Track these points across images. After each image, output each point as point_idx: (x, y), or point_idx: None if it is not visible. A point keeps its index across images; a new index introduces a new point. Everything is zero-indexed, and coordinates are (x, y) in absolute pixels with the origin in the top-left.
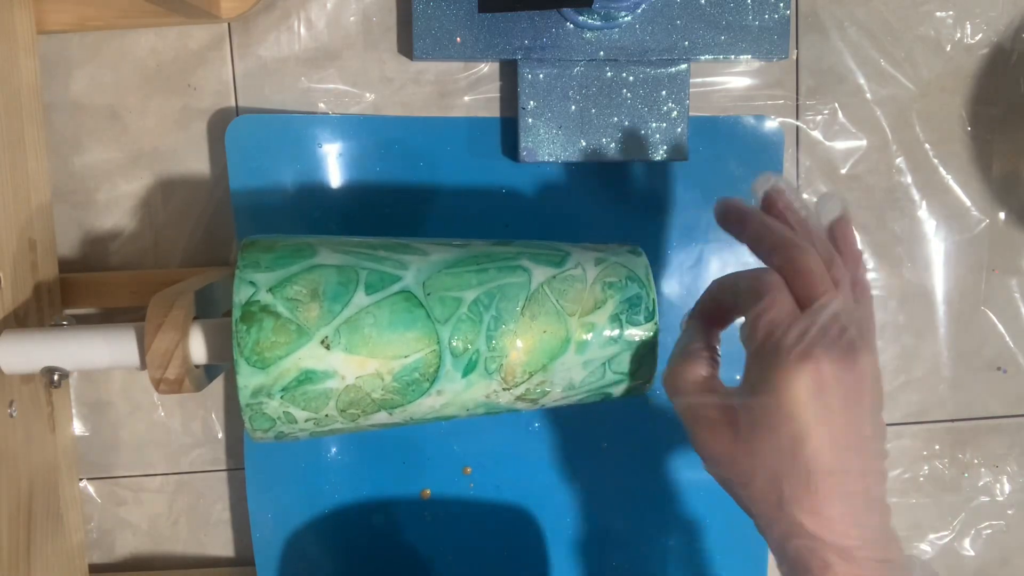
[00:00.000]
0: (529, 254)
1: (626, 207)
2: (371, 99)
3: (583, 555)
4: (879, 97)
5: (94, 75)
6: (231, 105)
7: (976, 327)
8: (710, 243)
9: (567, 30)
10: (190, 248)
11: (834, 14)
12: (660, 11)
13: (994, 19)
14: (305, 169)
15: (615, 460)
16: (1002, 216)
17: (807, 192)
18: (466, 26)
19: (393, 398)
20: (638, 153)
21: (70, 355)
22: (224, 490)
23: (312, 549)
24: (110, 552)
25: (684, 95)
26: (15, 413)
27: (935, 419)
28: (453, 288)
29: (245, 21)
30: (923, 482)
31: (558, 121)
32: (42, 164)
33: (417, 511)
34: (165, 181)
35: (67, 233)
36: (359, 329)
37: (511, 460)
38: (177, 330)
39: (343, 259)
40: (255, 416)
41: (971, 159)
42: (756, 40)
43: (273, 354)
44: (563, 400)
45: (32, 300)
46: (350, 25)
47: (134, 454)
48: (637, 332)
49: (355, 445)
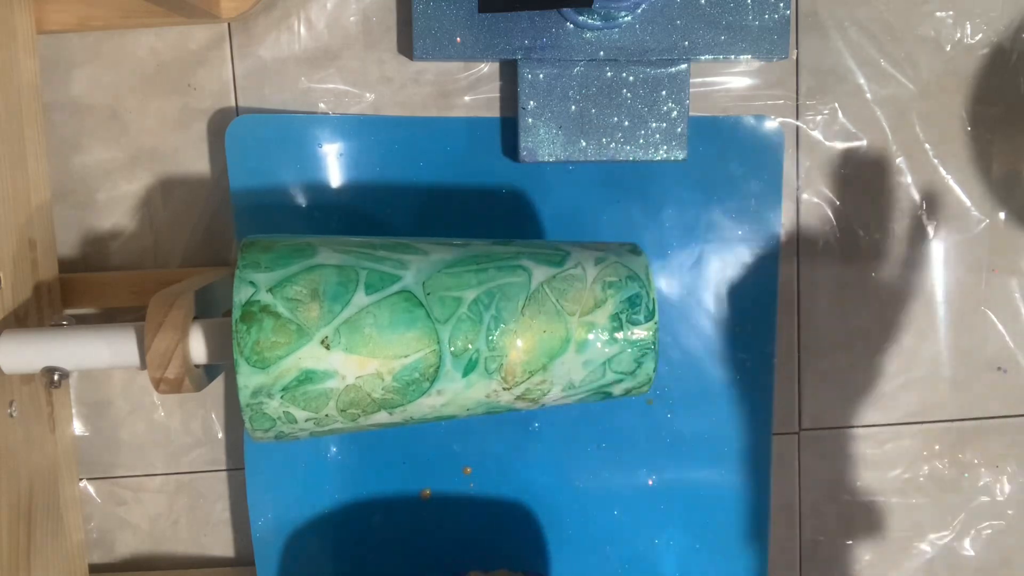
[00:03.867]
0: (529, 254)
1: (626, 207)
2: (371, 99)
3: (583, 555)
4: (879, 97)
5: (94, 75)
6: (231, 105)
7: (976, 327)
8: (710, 243)
9: (567, 30)
10: (190, 248)
11: (834, 14)
12: (660, 11)
13: (994, 19)
14: (305, 169)
15: (615, 460)
16: (1002, 216)
17: (807, 192)
18: (466, 26)
19: (393, 398)
20: (638, 153)
21: (70, 355)
22: (224, 490)
23: (312, 549)
24: (110, 552)
25: (684, 95)
26: (15, 413)
27: (935, 419)
28: (453, 288)
29: (245, 21)
30: (923, 482)
31: (558, 121)
32: (42, 164)
33: (417, 511)
34: (165, 181)
35: (67, 233)
36: (359, 329)
37: (511, 460)
38: (177, 330)
39: (343, 259)
40: (255, 416)
41: (971, 159)
42: (756, 40)
43: (273, 354)
44: (563, 400)
45: (32, 300)
46: (350, 25)
47: (134, 454)
48: (637, 331)
49: (355, 445)
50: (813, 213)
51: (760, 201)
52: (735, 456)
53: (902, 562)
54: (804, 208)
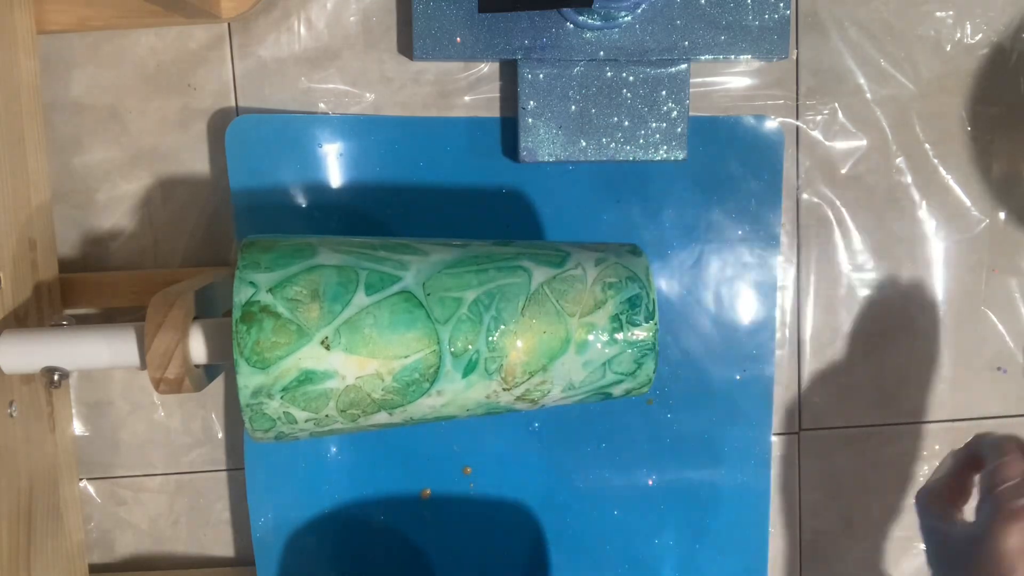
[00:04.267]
0: (529, 254)
1: (626, 207)
2: (371, 99)
3: (583, 555)
4: (879, 97)
5: (94, 75)
6: (231, 105)
7: (976, 327)
8: (710, 243)
9: (567, 30)
10: (190, 248)
11: (834, 14)
12: (660, 11)
13: (994, 19)
14: (305, 169)
15: (615, 460)
16: (1002, 216)
17: (807, 192)
18: (466, 26)
19: (393, 398)
20: (638, 153)
21: (70, 355)
22: (224, 490)
23: (312, 549)
24: (110, 552)
25: (684, 95)
26: (15, 413)
27: (935, 419)
28: (453, 288)
29: (245, 21)
30: (923, 482)
31: (558, 121)
32: (42, 164)
33: (417, 511)
34: (165, 181)
35: (67, 233)
36: (359, 329)
37: (511, 460)
38: (177, 330)
39: (343, 259)
40: (255, 416)
41: (971, 159)
42: (756, 40)
43: (273, 354)
44: (563, 400)
45: (32, 300)
46: (350, 25)
47: (134, 454)
48: (637, 332)
49: (355, 445)
50: (813, 213)
51: (760, 201)
52: (735, 456)
53: (902, 562)
54: (804, 208)
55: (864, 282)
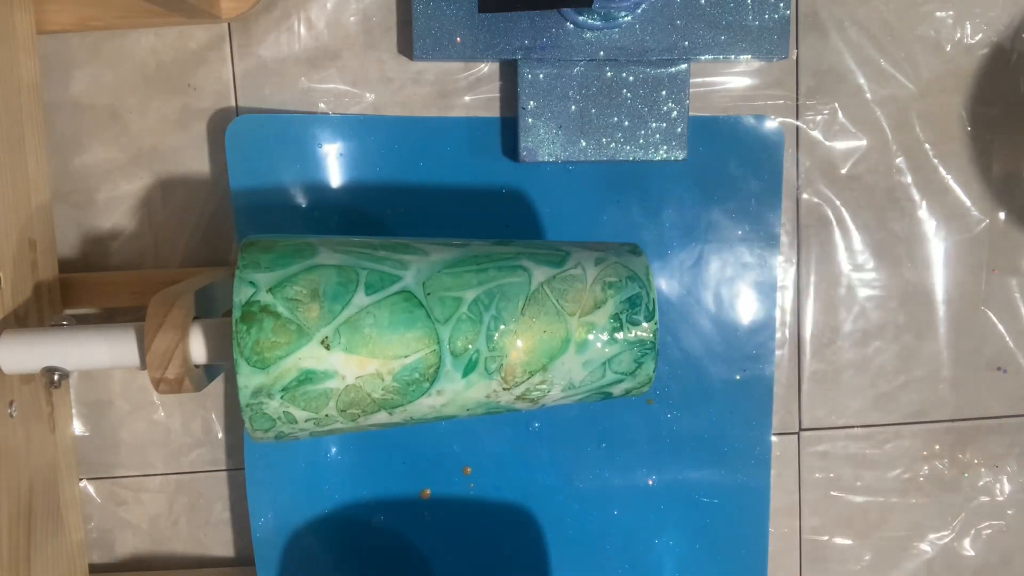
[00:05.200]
0: (529, 254)
1: (626, 207)
2: (371, 99)
3: (583, 555)
4: (879, 97)
5: (94, 75)
6: (231, 105)
7: (976, 327)
8: (710, 243)
9: (567, 30)
10: (190, 248)
11: (834, 14)
12: (660, 11)
13: (994, 19)
14: (305, 169)
15: (615, 460)
16: (1002, 216)
17: (807, 192)
18: (466, 26)
19: (393, 398)
20: (638, 153)
21: (70, 355)
22: (224, 490)
23: (312, 549)
24: (110, 552)
25: (684, 95)
26: (15, 413)
27: (935, 419)
28: (453, 288)
29: (245, 21)
30: (923, 482)
31: (558, 121)
32: (42, 164)
33: (417, 511)
34: (165, 181)
35: (67, 233)
36: (359, 329)
37: (511, 460)
38: (177, 330)
39: (343, 259)
40: (255, 416)
41: (971, 159)
42: (756, 40)
43: (273, 354)
44: (563, 400)
45: (32, 300)
46: (350, 25)
47: (134, 454)
48: (637, 332)
49: (355, 445)
50: (813, 213)
51: (760, 201)
52: (735, 456)
53: (902, 562)
54: (804, 208)
55: (864, 282)
